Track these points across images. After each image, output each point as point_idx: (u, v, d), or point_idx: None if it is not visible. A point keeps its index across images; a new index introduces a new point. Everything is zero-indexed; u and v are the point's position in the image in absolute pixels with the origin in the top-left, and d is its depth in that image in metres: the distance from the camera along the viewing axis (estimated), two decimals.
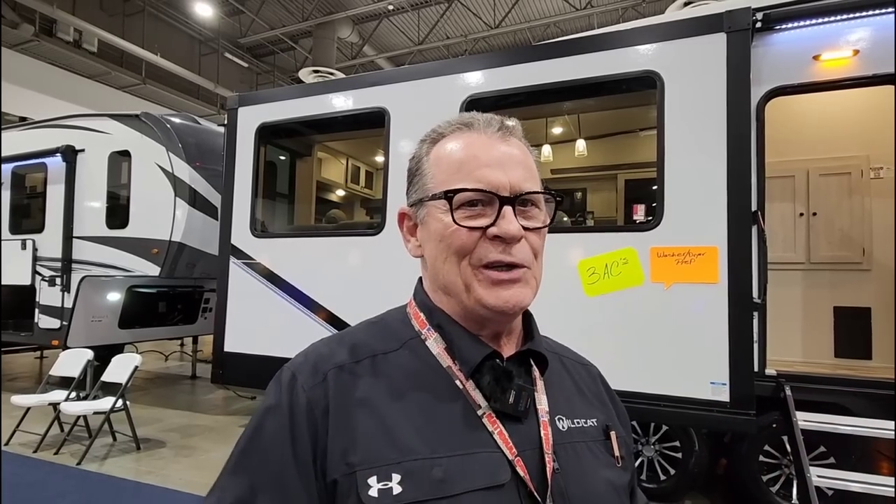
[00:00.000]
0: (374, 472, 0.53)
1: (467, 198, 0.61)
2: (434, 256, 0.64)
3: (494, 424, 0.59)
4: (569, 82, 3.45)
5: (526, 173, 0.63)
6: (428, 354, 0.63)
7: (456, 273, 0.62)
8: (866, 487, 2.73)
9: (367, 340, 0.64)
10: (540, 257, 0.65)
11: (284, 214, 5.71)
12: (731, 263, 2.95)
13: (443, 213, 0.62)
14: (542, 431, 0.61)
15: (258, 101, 4.57)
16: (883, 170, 3.87)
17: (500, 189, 0.61)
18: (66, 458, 4.16)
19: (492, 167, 0.61)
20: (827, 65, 3.12)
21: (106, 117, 6.03)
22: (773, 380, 3.12)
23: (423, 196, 0.65)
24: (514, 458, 0.57)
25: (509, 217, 0.60)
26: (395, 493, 0.52)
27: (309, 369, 0.60)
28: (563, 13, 11.90)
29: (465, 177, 0.62)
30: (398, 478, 0.53)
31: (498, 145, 0.64)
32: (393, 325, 0.67)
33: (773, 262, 3.49)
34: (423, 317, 0.66)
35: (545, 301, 3.51)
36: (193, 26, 13.49)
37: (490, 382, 0.60)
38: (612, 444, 0.67)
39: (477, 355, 0.61)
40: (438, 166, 0.65)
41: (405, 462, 0.54)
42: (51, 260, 6.01)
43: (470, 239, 0.60)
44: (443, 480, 0.53)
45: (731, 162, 2.99)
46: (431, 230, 0.64)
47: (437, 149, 0.66)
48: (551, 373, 0.68)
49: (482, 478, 0.55)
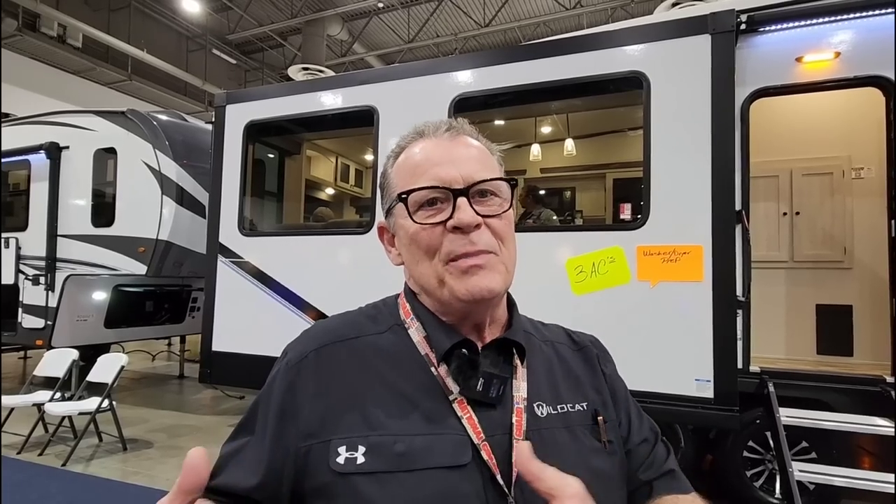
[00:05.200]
0: (344, 441, 0.59)
1: (424, 197, 0.65)
2: (409, 260, 0.69)
3: (465, 410, 0.62)
4: (557, 82, 3.47)
5: (477, 165, 0.67)
6: (409, 341, 0.67)
7: (430, 273, 0.65)
8: (847, 482, 2.79)
9: (358, 321, 0.70)
10: (508, 243, 0.67)
11: (273, 213, 5.68)
12: (716, 262, 2.99)
13: (405, 218, 0.66)
14: (514, 418, 0.63)
15: (246, 98, 4.55)
16: (864, 170, 3.94)
17: (452, 183, 0.64)
18: (51, 459, 4.11)
19: (443, 165, 0.65)
20: (809, 66, 3.17)
21: (91, 114, 5.94)
22: (757, 376, 3.17)
23: (390, 205, 0.71)
24: (480, 443, 0.60)
25: (463, 206, 0.63)
26: (359, 463, 0.57)
27: (298, 348, 0.67)
28: (553, 12, 11.94)
29: (419, 178, 0.66)
30: (363, 449, 0.58)
31: (447, 144, 0.68)
32: (384, 311, 0.72)
33: (757, 261, 3.54)
34: (409, 307, 0.70)
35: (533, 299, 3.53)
36: (180, 22, 13.33)
37: (454, 370, 0.63)
38: (600, 428, 0.68)
39: (446, 343, 0.64)
40: (399, 175, 0.70)
41: (371, 436, 0.59)
42: (35, 258, 5.92)
43: (433, 236, 0.64)
44: (403, 455, 0.58)
45: (716, 162, 3.03)
46: (401, 236, 0.69)
47: (398, 160, 0.71)
48: (538, 360, 0.71)
49: (444, 457, 0.58)
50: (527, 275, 3.34)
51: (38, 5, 9.94)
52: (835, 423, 2.94)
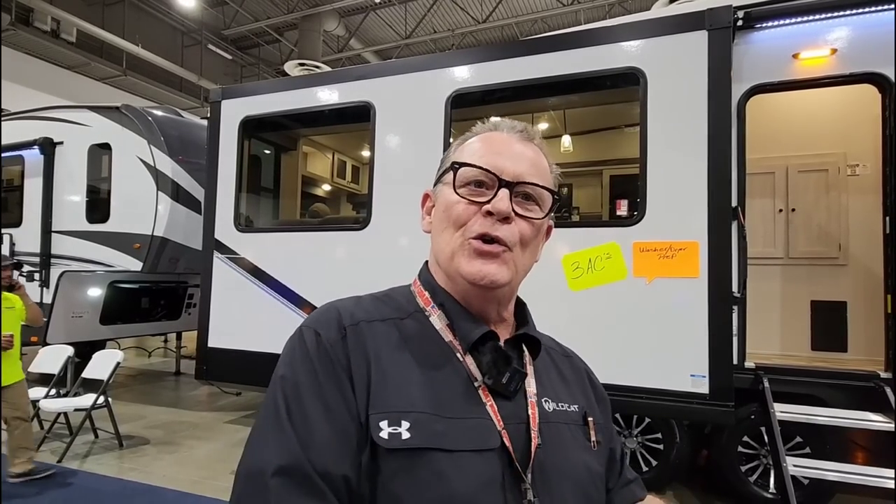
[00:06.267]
0: (385, 416, 0.58)
1: (473, 175, 0.68)
2: (436, 227, 0.71)
3: (487, 397, 0.64)
4: (554, 78, 3.47)
5: (532, 169, 0.69)
6: (432, 328, 0.68)
7: (448, 242, 0.68)
8: (841, 476, 2.81)
9: (378, 307, 0.70)
10: (529, 248, 0.69)
11: (269, 209, 5.66)
12: (712, 258, 3.00)
13: (449, 187, 0.69)
14: (529, 410, 0.66)
15: (242, 93, 4.52)
16: (859, 167, 3.96)
17: (503, 173, 0.66)
18: (47, 455, 4.09)
19: (502, 156, 0.68)
20: (806, 63, 3.18)
21: (85, 109, 5.91)
22: (752, 372, 3.18)
23: (441, 172, 0.73)
24: (501, 430, 0.62)
25: (503, 197, 0.65)
26: (404, 438, 0.57)
27: (333, 326, 0.64)
28: (550, 9, 11.92)
29: (477, 160, 0.68)
30: (407, 424, 0.58)
31: (514, 142, 0.70)
32: (399, 300, 0.72)
33: (753, 257, 3.55)
34: (428, 295, 0.71)
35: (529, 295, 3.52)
36: (176, 17, 13.25)
37: (489, 362, 0.65)
38: (590, 429, 0.73)
39: (474, 333, 0.66)
40: (461, 150, 0.72)
41: (413, 413, 0.59)
42: (29, 255, 5.89)
43: (467, 212, 0.67)
44: (443, 433, 0.58)
45: (713, 158, 3.03)
46: (439, 202, 0.71)
47: (465, 143, 0.73)
48: (539, 361, 0.74)
49: (475, 441, 0.60)
50: None
51: (32, 0, 9.86)
52: (829, 418, 2.97)
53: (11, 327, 3.65)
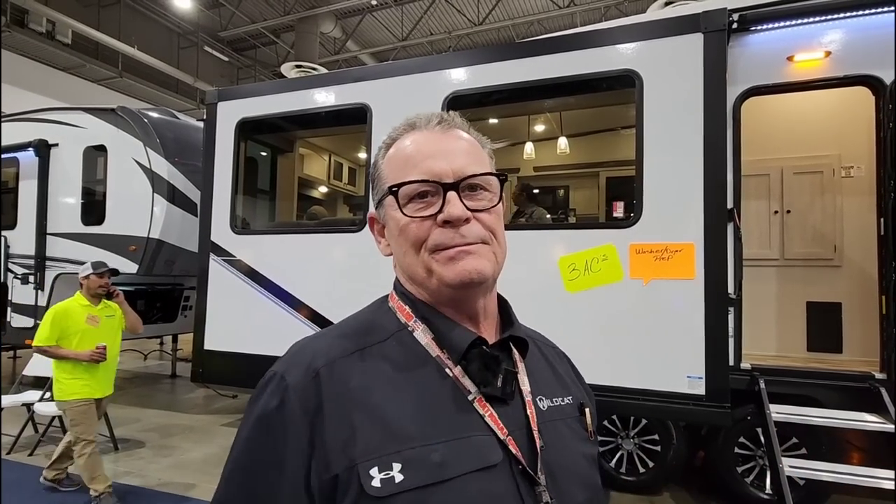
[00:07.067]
0: (374, 462, 0.54)
1: (414, 190, 0.65)
2: (397, 252, 0.68)
3: (485, 408, 0.62)
4: (550, 80, 3.48)
5: (468, 159, 0.66)
6: (416, 345, 0.65)
7: (417, 263, 0.65)
8: (836, 477, 2.82)
9: (355, 334, 0.66)
10: (499, 236, 0.67)
11: (266, 211, 5.65)
12: (708, 260, 3.01)
13: (395, 210, 0.66)
14: (528, 411, 0.64)
15: (238, 95, 4.52)
16: (854, 168, 3.98)
17: (442, 176, 0.64)
18: (41, 459, 4.07)
19: (434, 158, 0.65)
20: (800, 66, 3.20)
21: (80, 111, 5.88)
22: (748, 373, 3.19)
23: (380, 197, 0.70)
24: (506, 438, 0.60)
25: (453, 201, 0.63)
26: (398, 482, 0.54)
27: (300, 369, 0.61)
28: (547, 11, 11.95)
29: (410, 171, 0.65)
30: (399, 466, 0.54)
31: (439, 137, 0.68)
32: (378, 319, 0.69)
33: (749, 259, 3.56)
34: (409, 309, 0.68)
35: (526, 297, 3.54)
36: (172, 18, 13.22)
37: (480, 368, 0.63)
38: (587, 420, 0.72)
39: (463, 342, 0.63)
40: (389, 167, 0.69)
41: (404, 451, 0.56)
42: (23, 257, 5.86)
43: (422, 229, 0.64)
44: (441, 464, 0.55)
45: (708, 160, 3.04)
46: (391, 227, 0.68)
47: (389, 151, 0.70)
48: (529, 356, 0.71)
49: (476, 460, 0.57)
50: (520, 273, 3.36)
51: (27, 1, 9.82)
52: (825, 419, 2.98)
53: (112, 337, 3.56)
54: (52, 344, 3.33)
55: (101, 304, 3.58)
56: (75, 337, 3.39)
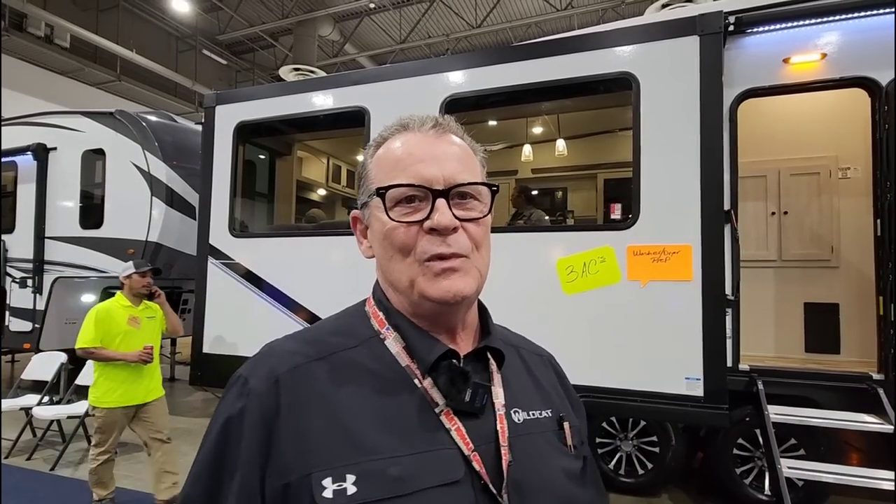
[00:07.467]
0: (329, 473, 0.53)
1: (402, 194, 0.63)
2: (381, 256, 0.67)
3: (452, 421, 0.60)
4: (548, 83, 3.49)
5: (460, 166, 0.64)
6: (387, 353, 0.64)
7: (402, 270, 0.63)
8: (835, 478, 2.83)
9: (326, 338, 0.65)
10: (483, 248, 0.65)
11: (264, 214, 5.66)
12: (705, 261, 3.02)
13: (381, 213, 0.64)
14: (498, 425, 0.62)
15: (237, 99, 4.53)
16: (850, 170, 3.99)
17: (433, 183, 0.62)
18: (39, 463, 4.06)
19: (425, 162, 0.63)
20: (796, 68, 3.21)
21: (79, 115, 5.89)
22: (746, 374, 3.20)
23: (366, 197, 0.68)
24: (470, 454, 0.58)
25: (442, 209, 0.61)
26: (350, 494, 0.52)
27: (263, 373, 0.60)
28: (544, 13, 11.99)
29: (399, 174, 0.63)
30: (353, 478, 0.53)
31: (431, 141, 0.65)
32: (352, 323, 0.68)
33: (746, 260, 3.57)
34: (382, 316, 0.67)
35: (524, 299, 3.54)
36: (170, 22, 13.24)
37: (446, 382, 0.61)
38: (566, 434, 0.69)
39: (432, 354, 0.62)
40: (378, 168, 0.67)
41: (362, 462, 0.54)
42: (22, 261, 5.85)
43: (409, 235, 0.62)
44: (399, 479, 0.54)
45: (705, 162, 3.06)
46: (375, 230, 0.67)
47: (379, 151, 0.68)
48: (509, 366, 0.69)
49: (438, 475, 0.55)
50: (518, 275, 3.37)
51: (26, 5, 9.83)
52: (823, 420, 2.98)
53: (153, 339, 3.44)
54: (96, 345, 3.20)
55: (141, 304, 3.48)
56: (117, 338, 3.27)
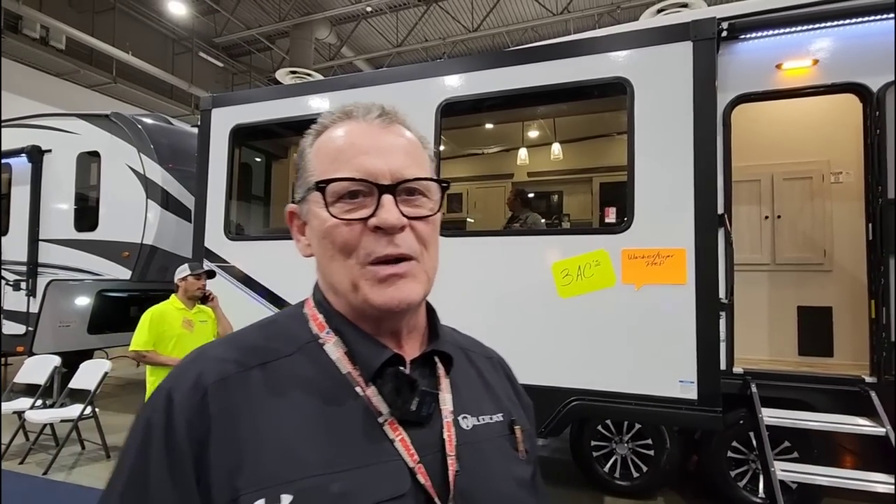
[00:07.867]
0: (261, 493, 0.48)
1: (344, 188, 0.57)
2: (320, 255, 0.61)
3: (396, 431, 0.56)
4: (543, 87, 3.51)
5: (408, 160, 0.60)
6: (326, 359, 0.59)
7: (343, 272, 0.58)
8: (828, 480, 2.84)
9: (259, 344, 0.59)
10: (432, 249, 0.61)
11: (260, 217, 5.65)
12: (699, 265, 3.04)
13: (321, 208, 0.58)
14: (444, 434, 0.58)
15: (233, 101, 4.52)
16: (843, 174, 4.03)
17: (378, 177, 0.57)
18: (32, 467, 4.04)
19: (370, 155, 0.58)
20: (789, 73, 3.24)
21: (74, 117, 5.87)
22: (740, 377, 3.22)
23: (304, 191, 0.62)
24: (415, 466, 0.54)
25: (388, 206, 0.56)
26: None
27: (188, 385, 0.54)
28: (541, 18, 12.04)
29: (341, 166, 0.58)
30: (289, 498, 0.48)
31: (377, 132, 0.61)
32: (289, 327, 0.63)
33: (740, 264, 3.59)
34: (322, 318, 0.62)
35: (519, 302, 3.56)
36: (167, 24, 13.23)
37: (391, 391, 0.56)
38: (517, 438, 0.66)
39: (377, 360, 0.57)
40: (318, 158, 0.61)
41: (299, 480, 0.50)
42: (15, 263, 5.82)
43: (352, 234, 0.57)
44: (341, 495, 0.50)
45: (699, 166, 3.08)
46: (314, 226, 0.61)
47: (319, 140, 0.63)
48: (457, 370, 0.65)
49: (382, 490, 0.52)
50: (513, 278, 3.38)
51: (21, 7, 9.80)
52: (816, 422, 3.00)
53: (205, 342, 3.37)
54: (149, 349, 3.15)
55: (194, 307, 3.44)
56: (170, 342, 3.22)
